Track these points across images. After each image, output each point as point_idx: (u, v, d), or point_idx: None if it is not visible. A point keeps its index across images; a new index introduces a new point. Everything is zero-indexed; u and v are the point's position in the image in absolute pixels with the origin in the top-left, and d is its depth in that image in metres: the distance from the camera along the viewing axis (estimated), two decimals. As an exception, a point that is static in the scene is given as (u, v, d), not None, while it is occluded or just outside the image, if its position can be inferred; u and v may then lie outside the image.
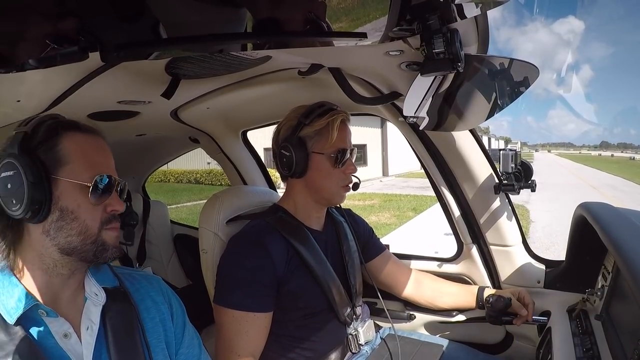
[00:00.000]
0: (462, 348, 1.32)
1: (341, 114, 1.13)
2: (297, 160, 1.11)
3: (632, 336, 0.74)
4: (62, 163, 0.68)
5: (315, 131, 1.11)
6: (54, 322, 0.67)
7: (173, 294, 0.86)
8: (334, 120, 1.11)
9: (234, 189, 1.38)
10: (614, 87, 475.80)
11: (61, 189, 0.67)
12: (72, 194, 0.68)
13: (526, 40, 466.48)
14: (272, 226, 1.10)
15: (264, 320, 1.03)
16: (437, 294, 1.35)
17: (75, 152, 0.69)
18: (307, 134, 1.11)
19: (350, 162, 1.15)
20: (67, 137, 0.69)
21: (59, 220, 0.67)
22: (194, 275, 2.30)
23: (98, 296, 0.73)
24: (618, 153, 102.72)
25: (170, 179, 18.21)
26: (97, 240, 0.70)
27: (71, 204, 0.67)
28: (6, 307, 0.64)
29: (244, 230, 1.13)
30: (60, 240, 0.67)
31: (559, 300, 1.21)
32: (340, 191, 1.16)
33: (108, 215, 0.71)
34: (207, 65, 0.93)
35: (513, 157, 1.24)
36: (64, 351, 0.66)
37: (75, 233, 0.68)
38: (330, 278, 1.11)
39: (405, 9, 0.57)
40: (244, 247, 1.07)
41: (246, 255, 1.04)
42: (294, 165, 1.11)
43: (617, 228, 0.87)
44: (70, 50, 0.54)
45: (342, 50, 0.85)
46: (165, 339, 0.79)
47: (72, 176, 0.68)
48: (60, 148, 0.68)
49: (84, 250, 0.69)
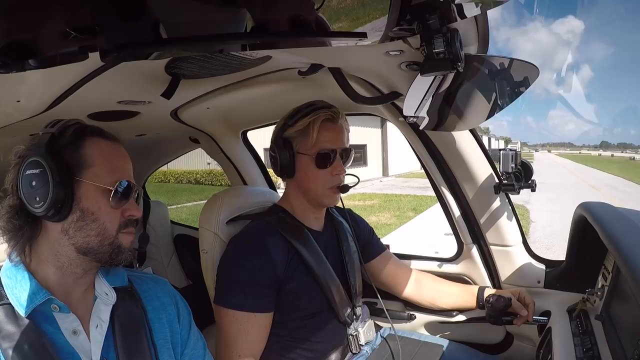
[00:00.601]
0: (462, 348, 1.32)
1: (325, 112, 1.09)
2: (283, 162, 1.10)
3: (632, 336, 0.74)
4: (86, 166, 0.70)
5: (298, 131, 1.09)
6: (64, 318, 0.69)
7: (180, 296, 0.88)
8: (315, 120, 1.08)
9: (234, 189, 1.38)
10: (614, 87, 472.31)
11: (83, 191, 0.70)
12: (94, 196, 0.70)
13: (526, 40, 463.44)
14: (272, 226, 1.10)
15: (265, 320, 1.03)
16: (437, 295, 1.35)
17: (99, 157, 0.72)
18: (291, 134, 1.10)
19: (338, 163, 1.11)
20: (92, 142, 0.72)
21: (79, 220, 0.69)
22: (194, 275, 2.30)
23: (108, 295, 0.75)
24: (618, 153, 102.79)
25: (170, 179, 18.21)
26: (114, 242, 0.72)
27: (92, 205, 0.70)
28: (19, 300, 0.66)
29: (244, 230, 1.13)
30: (78, 240, 0.69)
31: (559, 300, 1.21)
32: (328, 193, 1.13)
33: (125, 220, 0.74)
34: (207, 65, 0.93)
35: (513, 157, 1.24)
36: (72, 347, 0.67)
37: (94, 234, 0.70)
38: (330, 278, 1.11)
39: (405, 9, 0.57)
40: (244, 248, 1.07)
41: (246, 256, 1.04)
42: (280, 167, 1.11)
43: (617, 228, 0.87)
44: (70, 50, 0.54)
45: (342, 50, 0.85)
46: (172, 339, 0.81)
47: (95, 179, 0.70)
48: (85, 152, 0.71)
49: (100, 252, 0.71)
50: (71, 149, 0.70)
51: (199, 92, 1.23)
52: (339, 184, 1.13)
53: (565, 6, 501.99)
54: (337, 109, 1.13)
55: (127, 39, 0.57)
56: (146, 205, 2.33)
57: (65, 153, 0.70)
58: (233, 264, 1.05)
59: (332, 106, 1.13)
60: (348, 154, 1.16)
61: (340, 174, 1.13)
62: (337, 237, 1.23)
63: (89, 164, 0.71)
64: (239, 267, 1.03)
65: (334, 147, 1.10)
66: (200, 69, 0.96)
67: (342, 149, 1.12)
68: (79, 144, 0.71)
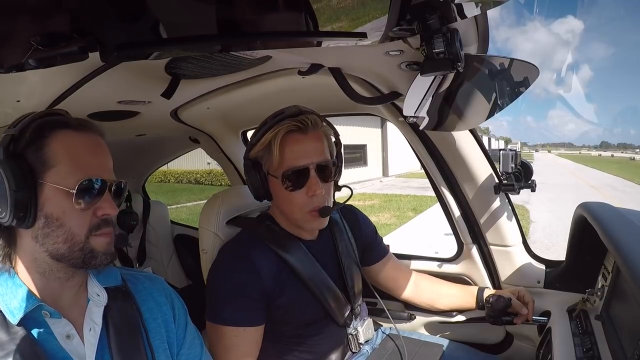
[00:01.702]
0: (462, 348, 1.32)
1: (289, 123, 0.94)
2: (254, 185, 1.00)
3: (632, 336, 0.74)
4: (47, 166, 0.64)
5: (263, 149, 0.96)
6: (56, 323, 0.67)
7: (175, 295, 0.86)
8: (276, 134, 0.93)
9: (234, 189, 1.37)
10: (613, 87, 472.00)
11: (47, 195, 0.64)
12: (57, 199, 0.64)
13: (526, 40, 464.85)
14: (259, 239, 1.04)
15: (255, 334, 0.99)
16: (435, 296, 1.34)
17: (62, 154, 0.65)
18: (258, 153, 0.98)
19: (313, 182, 0.95)
20: (55, 137, 0.65)
21: (45, 227, 0.64)
22: (194, 275, 2.30)
23: (100, 296, 0.72)
24: (618, 153, 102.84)
25: (170, 179, 18.20)
26: (85, 247, 0.66)
27: (56, 210, 0.64)
28: (9, 307, 0.64)
29: (232, 243, 1.07)
30: (48, 247, 0.65)
31: (559, 300, 1.21)
32: (307, 217, 0.99)
33: (98, 220, 0.67)
34: (207, 65, 0.93)
35: (513, 157, 1.24)
36: (67, 352, 0.66)
37: (61, 240, 0.65)
38: (325, 287, 1.06)
39: (405, 9, 0.57)
40: (231, 261, 1.02)
41: (234, 269, 0.99)
42: (253, 190, 1.01)
43: (617, 228, 0.87)
44: (70, 50, 0.54)
45: (342, 50, 0.85)
46: (168, 339, 0.79)
47: (56, 180, 0.64)
48: (47, 150, 0.64)
49: (72, 257, 0.66)
50: (32, 149, 0.64)
51: (199, 92, 1.23)
52: (317, 206, 0.99)
53: (565, 6, 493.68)
54: (310, 114, 0.98)
55: (127, 39, 0.57)
56: (146, 205, 2.34)
57: (27, 154, 0.64)
58: (220, 278, 1.00)
59: (303, 112, 0.98)
60: (326, 169, 0.99)
61: (317, 194, 0.97)
62: (333, 239, 1.16)
63: (51, 164, 0.64)
64: (226, 281, 0.99)
65: (304, 164, 0.96)
66: (200, 69, 0.96)
67: (317, 163, 0.97)
68: (41, 142, 0.64)
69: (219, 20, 0.56)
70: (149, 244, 2.33)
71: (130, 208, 2.18)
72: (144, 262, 2.29)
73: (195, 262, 1.33)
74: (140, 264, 2.27)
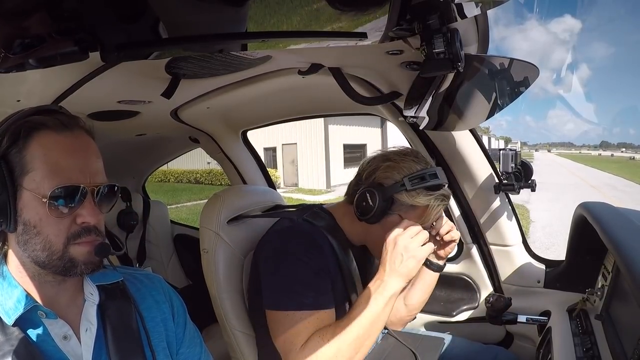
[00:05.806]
0: (463, 341, 1.31)
1: None
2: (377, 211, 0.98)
3: (632, 336, 0.74)
4: (25, 171, 0.61)
5: (412, 205, 0.99)
6: (53, 324, 0.66)
7: (174, 293, 0.85)
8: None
9: (235, 189, 1.37)
10: (613, 87, 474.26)
11: (24, 200, 0.61)
12: (34, 206, 0.61)
13: (525, 39, 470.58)
14: (323, 232, 1.06)
15: (332, 315, 1.00)
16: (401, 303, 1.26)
17: (40, 158, 0.61)
18: (403, 199, 0.99)
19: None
20: (37, 139, 0.62)
21: (24, 233, 0.62)
22: (194, 275, 2.30)
23: (93, 295, 0.71)
24: (618, 153, 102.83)
25: (170, 178, 18.20)
26: (64, 256, 0.63)
27: (33, 217, 0.61)
28: (4, 307, 0.63)
29: (297, 230, 1.07)
30: (30, 254, 0.63)
31: (559, 300, 1.21)
32: None
33: (78, 228, 0.63)
34: (207, 65, 0.93)
35: (513, 157, 1.24)
36: (64, 353, 0.65)
37: (39, 248, 0.62)
38: (354, 292, 1.09)
39: (405, 9, 0.57)
40: (304, 247, 1.01)
41: (309, 256, 0.99)
42: (370, 213, 0.99)
43: (617, 228, 0.88)
44: (70, 50, 0.54)
45: (342, 50, 0.85)
46: (167, 338, 0.78)
47: (32, 187, 0.61)
48: (27, 153, 0.61)
49: (52, 266, 0.63)
50: (14, 151, 0.61)
51: (199, 91, 1.23)
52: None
53: (564, 6, 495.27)
54: None
55: (127, 38, 0.57)
56: (146, 205, 2.34)
57: (9, 156, 0.61)
58: (295, 265, 0.99)
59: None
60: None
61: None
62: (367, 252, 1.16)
63: (28, 169, 0.61)
64: (303, 268, 0.98)
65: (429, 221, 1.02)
66: (200, 69, 0.96)
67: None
68: (22, 144, 0.61)
69: (219, 20, 0.56)
70: (149, 243, 2.32)
71: (130, 208, 2.18)
72: (143, 262, 2.28)
73: (196, 262, 1.33)
74: (140, 264, 2.27)
